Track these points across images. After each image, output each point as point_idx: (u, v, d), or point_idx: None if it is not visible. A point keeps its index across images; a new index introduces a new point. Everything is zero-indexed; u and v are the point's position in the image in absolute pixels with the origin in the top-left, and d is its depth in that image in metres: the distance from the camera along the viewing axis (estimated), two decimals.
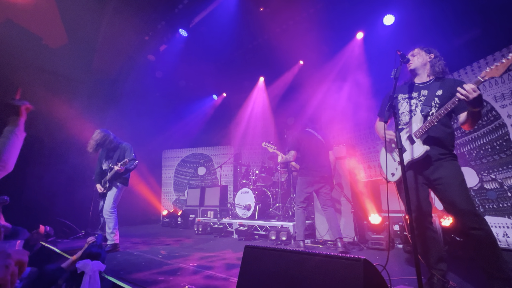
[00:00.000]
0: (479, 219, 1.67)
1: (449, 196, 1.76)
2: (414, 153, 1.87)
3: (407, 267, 2.58)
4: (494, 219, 3.39)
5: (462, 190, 1.74)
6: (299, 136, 3.79)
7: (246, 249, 1.48)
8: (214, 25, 5.67)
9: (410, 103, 2.01)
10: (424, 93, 1.98)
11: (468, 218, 1.68)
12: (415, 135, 1.89)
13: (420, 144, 1.87)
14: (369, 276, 1.10)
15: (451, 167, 1.83)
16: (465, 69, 3.91)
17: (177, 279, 2.26)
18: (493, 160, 3.49)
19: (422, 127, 1.86)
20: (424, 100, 1.95)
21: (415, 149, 1.87)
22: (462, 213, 1.70)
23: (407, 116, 2.00)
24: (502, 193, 3.36)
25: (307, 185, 3.60)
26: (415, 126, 1.91)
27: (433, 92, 1.94)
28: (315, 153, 3.66)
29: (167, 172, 8.47)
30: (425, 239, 1.92)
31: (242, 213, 5.22)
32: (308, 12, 5.32)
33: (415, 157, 1.87)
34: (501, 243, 3.25)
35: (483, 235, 1.63)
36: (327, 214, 3.56)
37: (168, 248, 3.74)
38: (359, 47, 5.90)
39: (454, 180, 1.77)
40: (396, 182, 2.04)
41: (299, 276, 1.22)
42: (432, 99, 1.93)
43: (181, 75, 7.60)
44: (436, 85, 1.96)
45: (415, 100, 1.99)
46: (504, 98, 3.39)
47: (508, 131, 3.34)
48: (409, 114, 1.99)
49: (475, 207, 1.70)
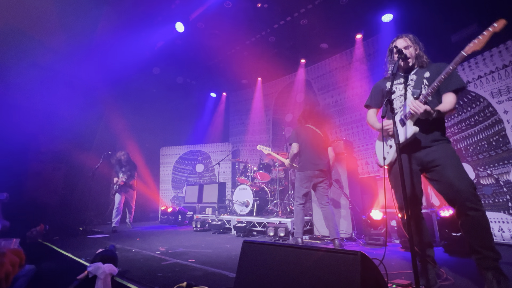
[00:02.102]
0: (477, 199, 1.66)
1: (446, 176, 1.75)
2: (406, 134, 1.87)
3: (404, 262, 2.61)
4: (490, 214, 3.43)
5: (459, 170, 1.73)
6: (298, 130, 3.78)
7: (244, 244, 1.48)
8: (212, 21, 5.63)
9: (399, 89, 2.03)
10: (412, 77, 2.01)
11: (466, 198, 1.66)
12: (405, 116, 1.90)
13: (410, 125, 1.87)
14: (366, 270, 1.11)
15: (445, 149, 1.83)
16: (462, 65, 3.91)
17: (175, 275, 2.26)
18: (489, 156, 3.52)
19: (409, 110, 1.86)
20: (414, 84, 1.98)
21: (406, 130, 1.88)
22: (460, 193, 1.68)
23: (398, 101, 2.02)
24: (497, 188, 3.39)
25: (306, 180, 3.56)
26: (407, 108, 1.90)
27: (421, 76, 1.98)
28: (315, 147, 3.64)
29: (165, 169, 8.46)
30: (417, 221, 1.94)
31: (240, 210, 5.23)
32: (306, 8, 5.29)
33: (406, 138, 1.87)
34: (497, 238, 3.29)
35: (480, 216, 1.64)
36: (325, 212, 3.52)
37: (166, 245, 3.75)
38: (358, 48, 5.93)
39: (450, 161, 1.77)
40: (388, 165, 2.04)
41: (296, 270, 1.22)
42: (421, 81, 1.96)
43: (178, 71, 7.56)
44: (423, 70, 2.01)
45: (404, 86, 2.01)
46: (501, 94, 3.41)
47: (504, 127, 3.37)
48: (399, 98, 2.02)
49: (473, 187, 1.68)
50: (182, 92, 8.36)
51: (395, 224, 3.71)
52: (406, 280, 1.94)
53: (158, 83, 7.73)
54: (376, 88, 2.27)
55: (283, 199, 5.22)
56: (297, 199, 3.61)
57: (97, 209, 6.40)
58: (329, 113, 6.32)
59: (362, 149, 5.56)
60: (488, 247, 1.62)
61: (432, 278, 1.89)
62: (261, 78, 7.96)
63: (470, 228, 1.67)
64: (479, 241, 1.64)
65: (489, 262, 1.61)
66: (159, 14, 5.61)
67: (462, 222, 1.71)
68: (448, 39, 4.32)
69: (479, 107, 3.68)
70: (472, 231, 1.66)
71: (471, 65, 3.81)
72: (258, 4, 5.20)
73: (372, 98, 2.26)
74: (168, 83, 7.80)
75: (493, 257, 1.61)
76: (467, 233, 1.69)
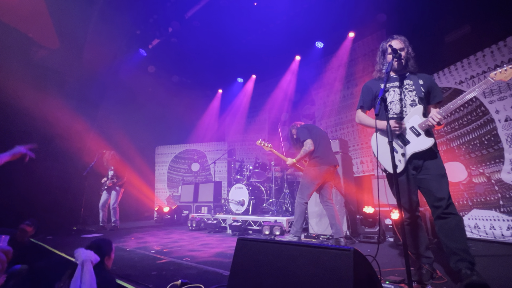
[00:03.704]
0: (454, 207, 1.84)
1: (432, 186, 1.88)
2: (421, 145, 1.90)
3: (397, 259, 2.63)
4: (481, 212, 3.48)
5: (445, 183, 1.87)
6: (308, 127, 3.67)
7: (239, 242, 1.48)
8: (208, 20, 5.61)
9: (396, 92, 2.03)
10: (408, 82, 2.02)
11: (446, 205, 1.82)
12: (420, 127, 1.91)
13: (424, 136, 1.90)
14: (359, 266, 1.12)
15: (437, 160, 1.93)
16: (455, 65, 3.96)
17: (170, 273, 2.26)
18: (481, 154, 3.57)
19: (427, 122, 1.87)
20: (414, 89, 1.98)
21: (422, 141, 1.90)
22: (442, 200, 1.83)
23: (397, 105, 2.01)
24: (489, 187, 3.45)
25: (320, 176, 3.37)
26: (417, 117, 1.92)
27: (417, 82, 2.00)
28: (328, 143, 3.61)
29: (161, 168, 8.41)
30: (415, 227, 2.01)
31: (236, 209, 5.23)
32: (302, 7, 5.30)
33: (422, 149, 1.90)
34: (488, 235, 3.34)
35: (458, 219, 1.82)
36: (330, 211, 3.43)
37: (161, 244, 3.73)
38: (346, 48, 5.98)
39: (439, 172, 1.89)
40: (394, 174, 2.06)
41: (290, 266, 1.23)
42: (419, 88, 1.98)
43: (174, 70, 7.52)
44: (414, 76, 2.03)
45: (400, 89, 2.01)
46: (493, 94, 3.46)
47: (496, 126, 3.42)
48: (399, 102, 2.01)
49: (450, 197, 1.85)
50: (177, 91, 8.31)
51: (390, 222, 3.74)
52: (400, 277, 1.96)
53: (153, 82, 7.67)
54: (366, 89, 2.23)
55: (278, 198, 5.23)
56: (304, 197, 3.39)
57: (91, 208, 6.33)
58: (325, 112, 6.35)
59: (357, 148, 5.60)
60: (465, 250, 1.76)
61: (425, 276, 1.91)
62: (257, 77, 7.96)
63: (449, 231, 1.81)
64: (457, 243, 1.78)
65: (466, 264, 1.73)
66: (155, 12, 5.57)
67: (441, 225, 1.84)
68: (441, 39, 4.37)
69: (472, 106, 3.73)
70: (451, 233, 1.80)
71: (464, 65, 3.86)
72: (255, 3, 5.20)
73: (364, 99, 2.23)
74: (163, 82, 7.75)
75: (470, 260, 1.74)
76: (447, 235, 1.82)
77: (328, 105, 6.33)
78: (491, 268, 2.30)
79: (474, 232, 3.51)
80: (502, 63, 3.41)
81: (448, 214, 1.81)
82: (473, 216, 3.58)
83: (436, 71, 4.23)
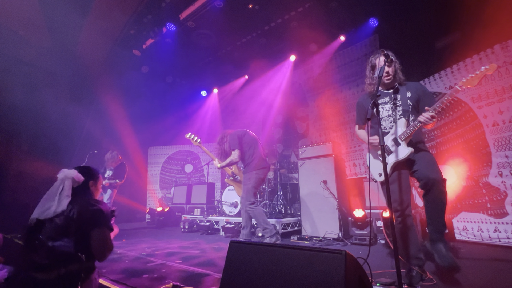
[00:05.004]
0: (444, 182, 1.97)
1: (424, 164, 2.02)
2: (399, 154, 2.05)
3: (388, 261, 2.67)
4: (469, 215, 3.56)
5: (433, 164, 2.02)
6: (238, 134, 3.79)
7: (231, 244, 1.48)
8: (203, 21, 5.60)
9: (385, 108, 2.17)
10: (396, 97, 2.15)
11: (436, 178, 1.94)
12: (399, 137, 2.06)
13: (404, 146, 2.04)
14: (350, 268, 1.13)
15: (425, 153, 2.09)
16: (445, 70, 4.05)
17: (161, 276, 2.24)
18: (469, 158, 3.66)
19: (407, 130, 2.02)
20: (401, 104, 2.12)
21: (400, 151, 2.05)
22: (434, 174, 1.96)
23: (387, 121, 2.17)
24: (477, 190, 3.53)
25: (261, 180, 3.66)
26: (400, 129, 2.07)
27: (404, 95, 2.13)
28: (260, 147, 3.80)
29: (153, 169, 8.33)
30: (406, 228, 2.05)
31: (229, 211, 5.22)
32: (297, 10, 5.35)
33: (400, 158, 2.05)
34: (476, 238, 3.42)
35: (444, 193, 1.95)
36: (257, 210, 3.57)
37: (152, 246, 3.69)
38: None
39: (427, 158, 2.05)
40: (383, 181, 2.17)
41: (282, 269, 1.24)
42: (406, 101, 2.12)
43: (168, 70, 7.47)
44: (403, 89, 2.17)
45: (390, 105, 2.16)
46: (481, 100, 3.55)
47: (484, 131, 3.51)
48: (388, 118, 2.17)
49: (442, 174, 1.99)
50: (171, 91, 8.26)
51: (381, 224, 3.79)
52: (390, 279, 1.99)
53: (146, 82, 7.61)
54: (359, 106, 2.40)
55: (272, 200, 5.24)
56: (254, 200, 3.60)
57: None
58: (318, 115, 6.40)
59: (350, 151, 5.66)
60: (442, 222, 1.98)
61: (414, 278, 1.95)
62: (250, 78, 7.97)
63: (432, 202, 1.97)
64: (437, 214, 1.98)
65: (438, 236, 1.98)
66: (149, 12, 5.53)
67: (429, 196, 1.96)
68: (432, 44, 4.47)
69: (461, 111, 3.82)
70: (434, 204, 1.97)
71: (454, 71, 3.95)
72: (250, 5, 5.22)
73: (360, 116, 2.40)
74: (157, 82, 7.70)
75: (443, 230, 1.99)
76: (430, 206, 2.00)
77: (321, 108, 6.38)
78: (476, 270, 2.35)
79: (462, 234, 3.58)
80: None
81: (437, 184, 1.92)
82: (461, 218, 3.66)
83: (427, 76, 4.32)
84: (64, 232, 1.43)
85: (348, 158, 5.62)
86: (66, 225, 1.43)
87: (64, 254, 1.40)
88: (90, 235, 1.47)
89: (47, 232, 1.43)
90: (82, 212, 1.47)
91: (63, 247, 1.41)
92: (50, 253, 1.39)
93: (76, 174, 1.61)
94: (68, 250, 1.41)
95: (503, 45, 3.36)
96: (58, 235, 1.42)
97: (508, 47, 3.32)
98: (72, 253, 1.42)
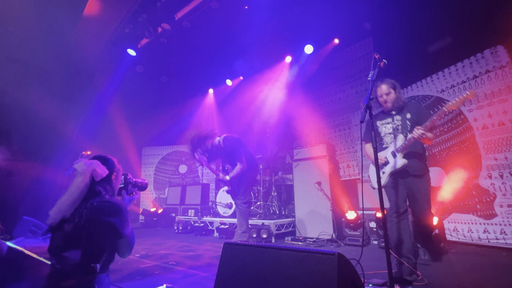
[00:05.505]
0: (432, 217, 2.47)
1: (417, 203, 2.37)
2: (396, 165, 2.33)
3: (380, 262, 2.70)
4: (459, 216, 3.63)
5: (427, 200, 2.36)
6: (240, 141, 3.91)
7: (225, 246, 1.49)
8: (198, 21, 5.59)
9: (387, 128, 2.49)
10: (397, 118, 2.45)
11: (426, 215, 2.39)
12: (396, 150, 2.33)
13: (400, 157, 2.32)
14: (343, 270, 1.15)
15: (425, 182, 2.35)
16: (437, 74, 4.13)
17: (154, 278, 2.22)
18: (460, 161, 3.73)
19: (402, 144, 2.30)
20: (401, 124, 2.42)
21: (397, 161, 2.33)
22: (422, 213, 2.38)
23: (388, 138, 2.46)
24: (467, 191, 3.60)
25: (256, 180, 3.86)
26: (397, 143, 2.36)
27: (404, 117, 2.42)
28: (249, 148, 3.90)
29: (147, 170, 8.26)
30: (400, 228, 2.25)
31: (223, 212, 5.20)
32: None
33: (396, 168, 2.32)
34: (466, 238, 3.48)
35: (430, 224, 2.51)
36: None
37: (146, 247, 3.66)
38: None
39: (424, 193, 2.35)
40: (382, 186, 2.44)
41: (276, 270, 1.24)
42: (405, 122, 2.41)
43: (163, 70, 7.42)
44: (404, 111, 2.46)
45: (392, 125, 2.48)
46: (471, 103, 3.63)
47: (474, 134, 3.58)
48: (389, 135, 2.46)
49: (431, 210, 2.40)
50: (166, 91, 8.21)
51: (374, 225, 3.84)
52: (382, 279, 2.01)
53: (141, 82, 7.55)
54: (368, 125, 2.59)
55: (266, 201, 5.25)
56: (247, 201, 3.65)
57: None
58: (313, 116, 6.43)
59: (344, 152, 5.70)
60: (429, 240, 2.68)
61: (405, 271, 2.01)
62: (245, 78, 7.96)
63: (420, 230, 2.62)
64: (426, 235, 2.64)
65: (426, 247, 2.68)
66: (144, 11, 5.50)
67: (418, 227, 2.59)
68: (425, 49, 4.54)
69: (452, 114, 3.89)
70: (421, 231, 2.63)
71: (445, 74, 4.03)
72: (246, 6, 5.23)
73: (367, 134, 2.64)
74: (152, 82, 7.64)
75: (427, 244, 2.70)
76: (418, 230, 2.68)
77: (316, 110, 6.42)
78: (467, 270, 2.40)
79: (453, 235, 3.65)
80: (480, 74, 3.58)
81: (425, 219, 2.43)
82: (452, 219, 3.72)
83: (419, 79, 4.39)
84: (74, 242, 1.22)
85: (342, 159, 5.66)
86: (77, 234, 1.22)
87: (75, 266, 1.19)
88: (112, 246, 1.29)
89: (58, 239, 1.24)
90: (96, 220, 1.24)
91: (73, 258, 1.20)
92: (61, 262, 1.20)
93: (101, 169, 1.34)
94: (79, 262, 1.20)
95: (493, 50, 3.44)
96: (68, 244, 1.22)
97: (497, 52, 3.40)
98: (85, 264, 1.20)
